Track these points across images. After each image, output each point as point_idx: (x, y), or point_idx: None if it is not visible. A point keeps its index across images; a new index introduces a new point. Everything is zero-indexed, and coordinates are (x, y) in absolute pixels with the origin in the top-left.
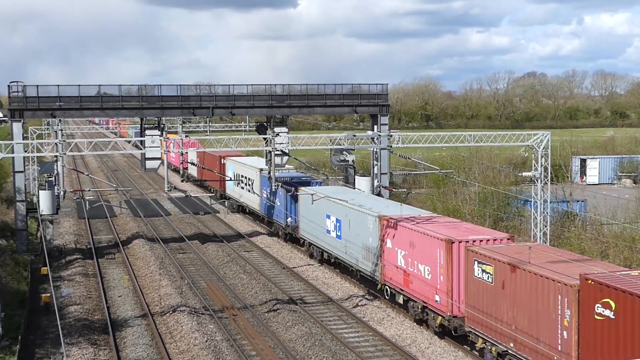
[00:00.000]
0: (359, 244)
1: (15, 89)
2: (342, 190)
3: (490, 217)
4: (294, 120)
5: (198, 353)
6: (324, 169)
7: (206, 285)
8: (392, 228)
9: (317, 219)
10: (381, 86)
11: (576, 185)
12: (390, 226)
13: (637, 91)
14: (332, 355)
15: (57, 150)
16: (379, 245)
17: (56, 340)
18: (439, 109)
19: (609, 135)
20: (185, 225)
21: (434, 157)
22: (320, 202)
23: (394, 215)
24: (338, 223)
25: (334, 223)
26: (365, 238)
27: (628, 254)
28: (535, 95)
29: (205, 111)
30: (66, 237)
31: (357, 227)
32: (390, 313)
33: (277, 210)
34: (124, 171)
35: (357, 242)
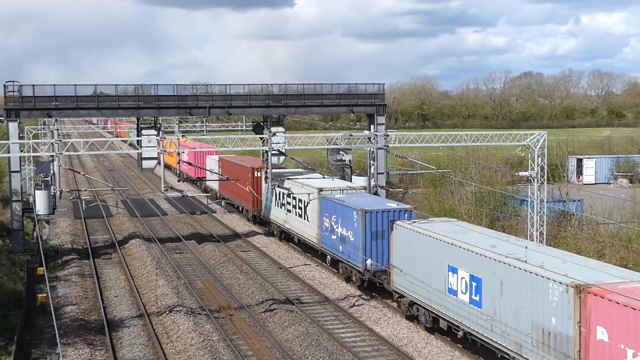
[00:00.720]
0: (523, 322)
1: (11, 89)
2: (460, 229)
3: (487, 217)
4: (291, 120)
5: (195, 353)
6: (321, 169)
7: (203, 285)
8: (605, 307)
9: (427, 269)
10: (378, 86)
11: (572, 185)
12: (603, 304)
13: (633, 91)
14: (328, 355)
15: (53, 150)
16: (573, 332)
17: (52, 341)
18: (435, 109)
19: (605, 135)
20: (181, 225)
21: (430, 157)
22: (436, 246)
23: (604, 284)
24: (475, 282)
25: (466, 281)
26: (538, 315)
27: (624, 253)
28: (532, 95)
29: (201, 111)
30: (62, 237)
31: (519, 294)
32: (387, 313)
33: (349, 247)
34: (121, 171)
35: (520, 319)
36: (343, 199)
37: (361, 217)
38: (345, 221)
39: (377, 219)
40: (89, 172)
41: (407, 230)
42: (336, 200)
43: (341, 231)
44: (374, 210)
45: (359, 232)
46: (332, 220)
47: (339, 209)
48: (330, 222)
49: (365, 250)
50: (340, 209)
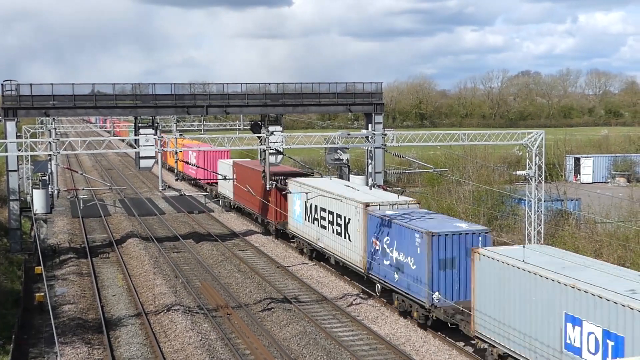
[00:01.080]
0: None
1: (9, 88)
2: (567, 262)
3: (484, 216)
4: (289, 119)
5: (192, 352)
6: (319, 168)
7: (200, 285)
8: None
9: (529, 315)
10: (375, 85)
11: (570, 184)
12: None
13: (631, 90)
14: (326, 354)
15: (51, 149)
16: None
17: (50, 340)
18: (433, 108)
19: (603, 134)
20: (179, 224)
21: (428, 156)
22: (544, 287)
23: None
24: (612, 341)
25: (597, 338)
26: None
27: (622, 252)
28: (530, 94)
29: (199, 110)
30: (60, 236)
31: None
32: (384, 312)
33: (409, 276)
34: (118, 170)
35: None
36: (397, 216)
37: (426, 241)
38: (402, 244)
39: (447, 243)
40: (86, 171)
41: (495, 262)
42: (389, 218)
43: (397, 256)
44: (442, 232)
45: (423, 259)
46: (384, 243)
47: (393, 230)
48: (382, 244)
49: (432, 282)
50: (395, 230)
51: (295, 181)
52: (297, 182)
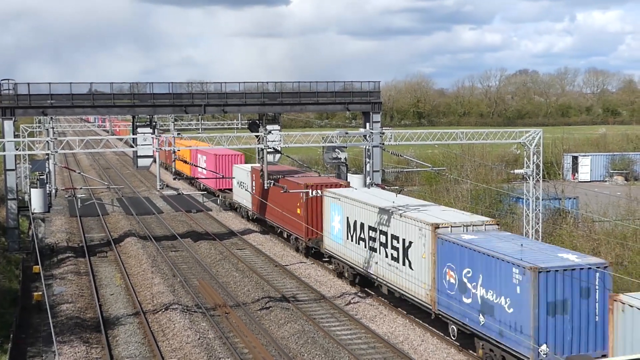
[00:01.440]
0: None
1: (7, 87)
2: None
3: (482, 214)
4: (286, 118)
5: (190, 351)
6: (317, 167)
7: (198, 283)
8: None
9: None
10: (373, 84)
11: (568, 182)
12: None
13: (628, 88)
14: (324, 353)
15: (49, 148)
16: None
17: (48, 339)
18: (431, 107)
19: (600, 133)
20: (177, 223)
21: (426, 155)
22: None
23: None
24: None
25: None
26: None
27: (620, 251)
28: (527, 93)
29: (197, 109)
30: (58, 235)
31: None
32: (382, 310)
33: (502, 320)
34: (116, 169)
35: None
36: (479, 243)
37: (531, 278)
38: (492, 280)
39: (557, 281)
40: (84, 170)
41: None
42: (469, 245)
43: (483, 294)
44: (551, 268)
45: (526, 301)
46: (464, 275)
47: (477, 260)
48: (459, 277)
49: (538, 331)
50: (481, 261)
51: (332, 193)
52: (336, 194)
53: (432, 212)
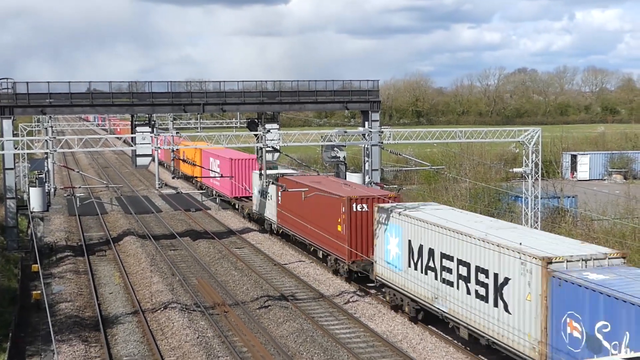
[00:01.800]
0: None
1: (5, 86)
2: None
3: (481, 213)
4: (285, 117)
5: (189, 349)
6: (315, 166)
7: (197, 282)
8: None
9: None
10: (372, 82)
11: (567, 181)
12: None
13: (627, 87)
14: (323, 352)
15: (48, 147)
16: None
17: (47, 338)
18: (430, 105)
19: (599, 131)
20: (176, 222)
21: (425, 154)
22: None
23: None
24: None
25: None
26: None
27: (618, 249)
28: (526, 92)
29: (196, 108)
30: (57, 234)
31: None
32: (381, 309)
33: None
34: (115, 168)
35: None
36: (620, 286)
37: None
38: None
39: None
40: (83, 169)
41: None
42: (605, 289)
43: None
44: None
45: None
46: (597, 330)
47: (621, 310)
48: (589, 331)
49: None
50: (627, 312)
51: (388, 209)
52: (393, 210)
53: (531, 238)
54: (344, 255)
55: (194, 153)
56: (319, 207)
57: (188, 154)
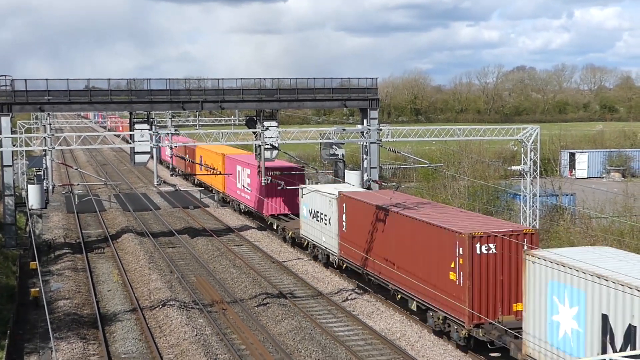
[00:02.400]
0: None
1: (3, 83)
2: None
3: (479, 211)
4: (284, 114)
5: (188, 347)
6: (314, 163)
7: (196, 280)
8: None
9: None
10: (370, 80)
11: (565, 179)
12: None
13: (626, 85)
14: (321, 349)
15: (46, 144)
16: None
17: (45, 335)
18: (428, 103)
19: (598, 129)
20: (174, 219)
21: (423, 151)
22: None
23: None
24: None
25: None
26: None
27: (617, 247)
28: (525, 90)
29: (194, 105)
30: (55, 231)
31: None
32: (379, 307)
33: None
34: (113, 165)
35: None
36: None
37: None
38: None
39: None
40: (81, 166)
41: None
42: None
43: None
44: None
45: None
46: None
47: None
48: None
49: None
50: None
51: (568, 265)
52: (564, 264)
53: None
54: (460, 316)
55: (213, 157)
56: (414, 242)
57: (207, 158)
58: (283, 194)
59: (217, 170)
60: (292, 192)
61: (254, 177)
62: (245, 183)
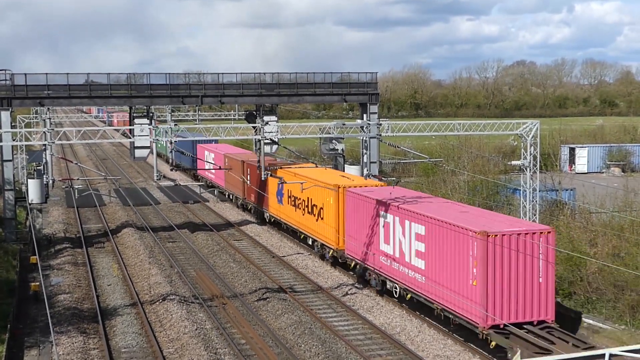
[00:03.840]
0: None
1: (3, 78)
2: None
3: (479, 206)
4: (284, 109)
5: (188, 341)
6: (314, 158)
7: (196, 274)
8: None
9: None
10: (370, 75)
11: (565, 174)
12: None
13: (626, 80)
14: (321, 344)
15: (46, 139)
16: None
17: (45, 329)
18: (428, 98)
19: (598, 124)
20: (174, 214)
21: (423, 146)
22: None
23: None
24: None
25: None
26: None
27: (617, 242)
28: (525, 84)
29: (194, 100)
30: (55, 226)
31: None
32: (379, 302)
33: None
34: (113, 160)
35: None
36: None
37: None
38: None
39: None
40: (81, 161)
41: None
42: None
43: None
44: None
45: None
46: None
47: None
48: None
49: None
50: None
51: None
52: None
53: None
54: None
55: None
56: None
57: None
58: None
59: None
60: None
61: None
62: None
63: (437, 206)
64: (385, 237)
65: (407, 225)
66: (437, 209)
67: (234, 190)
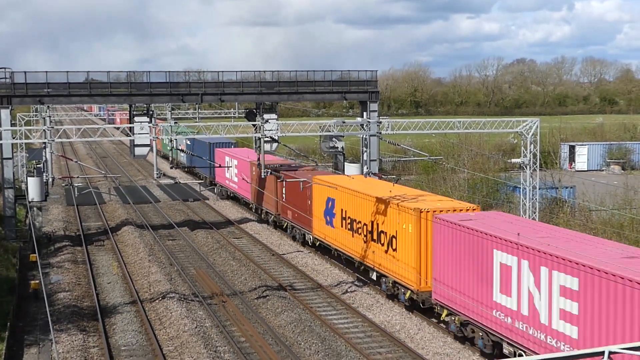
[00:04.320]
0: None
1: (3, 76)
2: None
3: (479, 204)
4: (284, 107)
5: (187, 339)
6: (314, 156)
7: (195, 272)
8: None
9: None
10: (370, 73)
11: (565, 171)
12: None
13: (626, 78)
14: (321, 341)
15: (46, 137)
16: None
17: (45, 327)
18: (428, 96)
19: (597, 122)
20: (174, 212)
21: (423, 144)
22: None
23: None
24: None
25: None
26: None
27: (616, 240)
28: (525, 82)
29: (194, 97)
30: (55, 224)
31: None
32: (379, 299)
33: None
34: (113, 158)
35: None
36: None
37: None
38: None
39: None
40: (81, 159)
41: None
42: None
43: None
44: None
45: None
46: None
47: None
48: None
49: None
50: None
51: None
52: None
53: None
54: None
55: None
56: None
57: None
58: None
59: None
60: None
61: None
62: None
63: (585, 245)
64: (504, 285)
65: (545, 274)
66: (591, 252)
67: (264, 205)
